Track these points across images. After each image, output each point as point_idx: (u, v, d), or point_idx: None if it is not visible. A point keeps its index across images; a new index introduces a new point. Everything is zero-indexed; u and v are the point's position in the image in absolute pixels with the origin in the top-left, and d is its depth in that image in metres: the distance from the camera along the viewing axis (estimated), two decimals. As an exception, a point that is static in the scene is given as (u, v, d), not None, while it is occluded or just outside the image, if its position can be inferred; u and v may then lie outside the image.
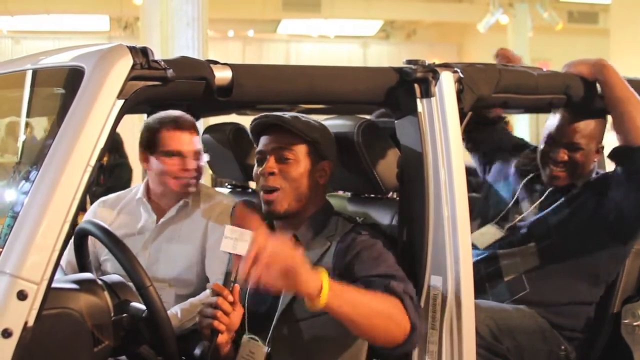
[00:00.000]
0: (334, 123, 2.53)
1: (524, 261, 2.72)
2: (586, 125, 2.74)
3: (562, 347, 2.67)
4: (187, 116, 2.89)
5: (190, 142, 2.85)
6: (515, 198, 2.88)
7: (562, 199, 2.77)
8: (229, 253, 2.10)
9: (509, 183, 2.98)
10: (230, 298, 2.10)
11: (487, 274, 2.70)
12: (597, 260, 2.70)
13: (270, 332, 2.20)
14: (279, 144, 2.26)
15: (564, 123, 2.76)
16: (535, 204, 2.83)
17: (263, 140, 2.30)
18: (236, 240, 2.10)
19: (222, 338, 2.13)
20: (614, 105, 2.53)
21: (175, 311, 2.65)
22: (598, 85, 2.58)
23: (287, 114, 2.30)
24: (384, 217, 2.47)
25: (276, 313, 2.21)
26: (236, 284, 2.12)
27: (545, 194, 2.83)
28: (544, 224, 2.75)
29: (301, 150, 2.26)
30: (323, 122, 2.60)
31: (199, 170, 2.88)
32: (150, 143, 2.85)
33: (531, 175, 2.92)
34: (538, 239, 2.73)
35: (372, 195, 2.61)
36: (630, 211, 2.57)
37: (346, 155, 2.42)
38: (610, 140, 2.71)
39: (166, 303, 2.69)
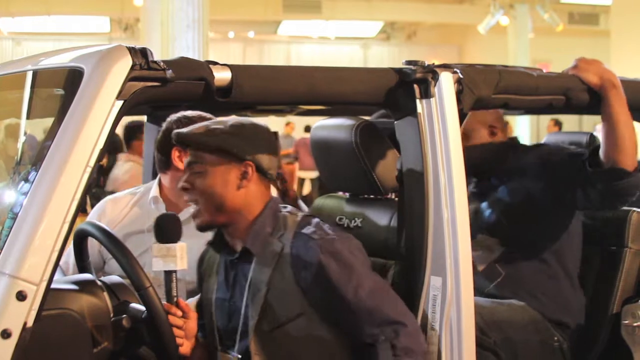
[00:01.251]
0: (331, 124, 2.53)
1: (491, 250, 2.77)
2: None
3: (555, 338, 2.69)
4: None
5: None
6: None
7: (501, 186, 2.80)
8: (163, 271, 2.13)
9: None
10: (179, 313, 2.13)
11: None
12: (547, 237, 2.75)
13: (250, 344, 2.17)
14: (189, 159, 2.23)
15: None
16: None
17: None
18: (165, 257, 2.12)
19: (184, 348, 2.15)
20: (611, 125, 2.54)
21: None
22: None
23: (203, 125, 2.24)
24: (382, 218, 2.47)
25: (248, 326, 2.18)
26: (179, 298, 2.15)
27: (471, 184, 2.89)
28: (491, 216, 2.79)
29: (210, 160, 2.19)
30: (321, 123, 2.60)
31: None
32: None
33: None
34: (492, 228, 2.77)
35: (371, 196, 2.61)
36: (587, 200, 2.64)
37: (344, 157, 2.42)
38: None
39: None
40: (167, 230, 2.17)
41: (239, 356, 2.21)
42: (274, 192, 2.32)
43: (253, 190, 2.22)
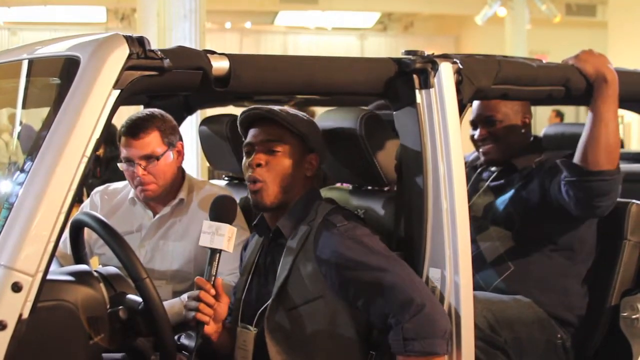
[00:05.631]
0: (335, 115, 2.52)
1: (502, 243, 2.77)
2: (498, 101, 2.79)
3: (558, 336, 2.69)
4: (151, 116, 2.75)
5: (138, 148, 2.72)
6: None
7: (518, 184, 2.80)
8: (208, 247, 2.15)
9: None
10: (213, 291, 2.15)
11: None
12: (562, 236, 2.74)
13: (265, 321, 2.20)
14: (268, 137, 2.27)
15: (477, 105, 2.88)
16: (484, 188, 2.89)
17: (252, 132, 2.32)
18: (213, 235, 2.14)
19: (210, 328, 2.20)
20: (594, 119, 2.53)
21: (183, 298, 2.62)
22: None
23: (276, 108, 2.31)
24: (385, 210, 2.45)
25: (268, 305, 2.22)
26: (218, 277, 2.17)
27: (490, 177, 2.90)
28: (505, 211, 2.78)
29: (289, 143, 2.27)
30: (325, 113, 2.60)
31: (155, 175, 2.76)
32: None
33: (480, 169, 2.97)
34: (505, 224, 2.77)
35: (375, 188, 2.59)
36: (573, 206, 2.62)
37: (348, 147, 2.41)
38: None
39: (164, 299, 2.68)
40: (221, 210, 2.21)
41: (256, 329, 2.24)
42: None
43: (310, 180, 2.33)
